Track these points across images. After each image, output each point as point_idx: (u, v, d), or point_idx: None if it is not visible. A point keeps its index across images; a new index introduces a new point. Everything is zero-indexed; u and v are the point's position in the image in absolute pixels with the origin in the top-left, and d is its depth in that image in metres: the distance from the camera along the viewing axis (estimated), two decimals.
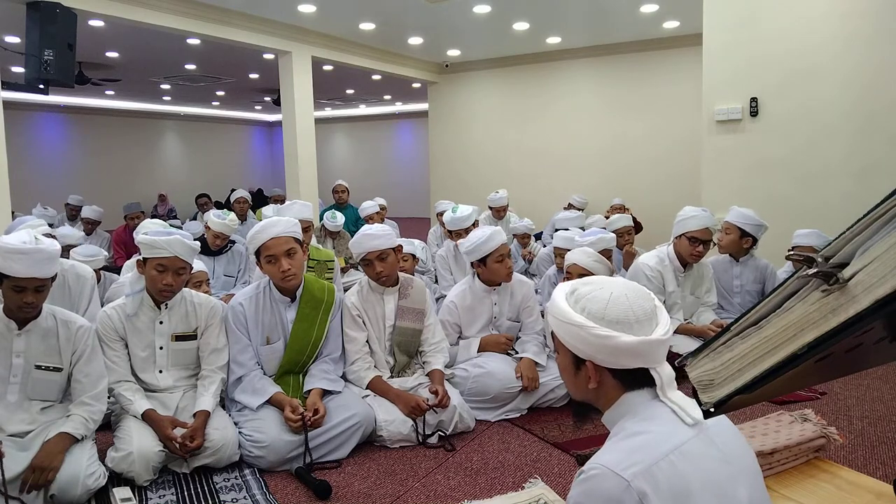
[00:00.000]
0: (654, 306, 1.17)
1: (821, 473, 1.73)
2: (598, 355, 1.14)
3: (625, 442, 1.09)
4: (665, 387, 1.14)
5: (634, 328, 1.12)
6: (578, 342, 1.15)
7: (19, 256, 2.17)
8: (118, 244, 6.24)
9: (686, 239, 3.48)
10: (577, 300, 1.17)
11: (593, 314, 1.13)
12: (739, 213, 3.81)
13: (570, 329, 1.15)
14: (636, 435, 1.09)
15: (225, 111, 16.65)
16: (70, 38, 4.89)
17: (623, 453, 1.06)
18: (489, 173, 9.19)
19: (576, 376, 1.21)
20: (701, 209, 3.55)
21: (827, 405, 3.14)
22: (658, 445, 1.06)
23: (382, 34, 7.63)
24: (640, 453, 1.05)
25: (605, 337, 1.11)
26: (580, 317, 1.14)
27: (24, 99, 11.48)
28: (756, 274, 3.91)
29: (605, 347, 1.12)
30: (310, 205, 4.21)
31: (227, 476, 2.52)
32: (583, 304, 1.16)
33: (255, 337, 2.83)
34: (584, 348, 1.15)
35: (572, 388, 1.25)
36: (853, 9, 4.39)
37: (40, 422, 2.36)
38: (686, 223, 3.47)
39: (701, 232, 3.46)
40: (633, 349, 1.11)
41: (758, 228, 3.78)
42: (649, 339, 1.11)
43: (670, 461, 1.04)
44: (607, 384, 1.17)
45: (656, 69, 8.06)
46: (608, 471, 1.03)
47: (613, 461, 1.04)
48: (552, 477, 2.49)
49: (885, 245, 0.77)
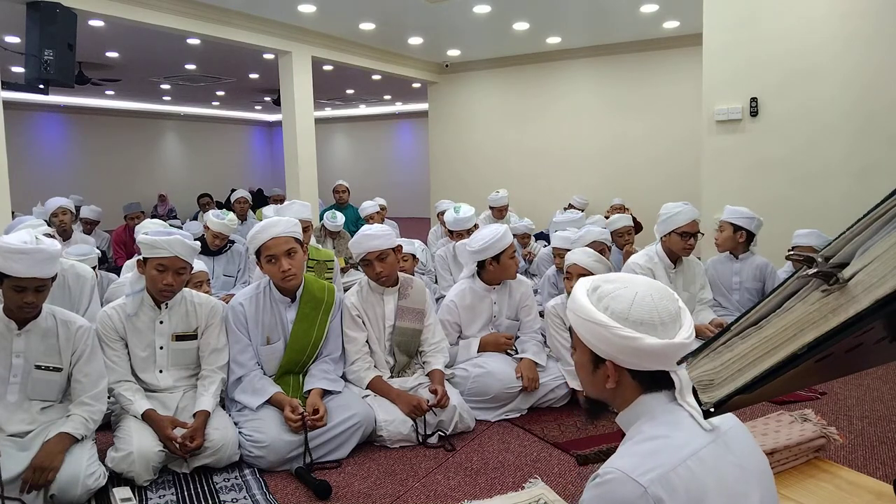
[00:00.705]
0: (679, 308, 1.14)
1: (821, 473, 1.73)
2: (619, 355, 1.11)
3: (641, 446, 1.07)
4: (684, 390, 1.12)
5: (659, 330, 1.09)
6: (599, 341, 1.12)
7: (20, 256, 2.17)
8: (118, 244, 6.24)
9: (677, 235, 3.50)
10: (599, 298, 1.13)
11: (617, 314, 1.10)
12: (730, 209, 3.91)
13: (591, 327, 1.12)
14: (653, 439, 1.07)
15: (225, 111, 16.65)
16: (70, 38, 4.89)
17: (640, 458, 1.04)
18: (489, 173, 9.19)
19: (593, 374, 1.18)
20: (682, 203, 3.57)
21: (827, 405, 3.14)
22: (676, 451, 1.04)
23: (382, 34, 7.63)
24: (657, 458, 1.03)
25: (629, 338, 1.08)
26: (603, 316, 1.10)
27: (24, 99, 11.48)
28: (755, 272, 3.93)
29: (627, 348, 1.09)
30: (309, 205, 4.21)
31: (227, 476, 2.52)
32: (606, 303, 1.12)
33: (255, 337, 2.83)
34: (604, 347, 1.12)
35: (588, 385, 1.22)
36: (853, 9, 4.39)
37: (40, 422, 2.36)
38: (674, 220, 3.49)
39: (690, 225, 3.51)
40: (657, 351, 1.08)
41: (750, 221, 3.85)
42: (674, 343, 1.08)
43: (688, 467, 1.02)
44: (625, 385, 1.14)
45: (656, 69, 8.06)
46: (624, 476, 1.01)
47: (630, 466, 1.02)
48: (552, 477, 2.49)
49: (885, 245, 0.77)
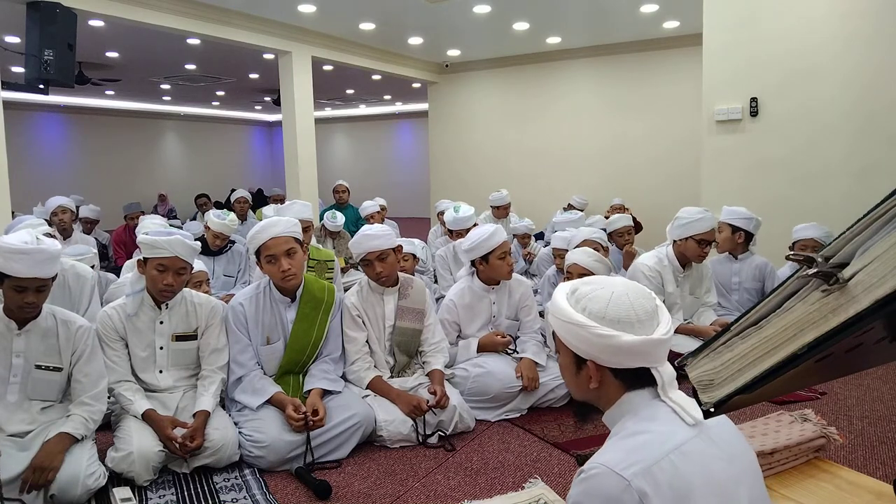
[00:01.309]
0: (656, 305, 1.17)
1: (821, 473, 1.73)
2: (600, 355, 1.14)
3: (625, 441, 1.09)
4: (666, 386, 1.14)
5: (636, 327, 1.12)
6: (580, 342, 1.15)
7: (21, 256, 2.17)
8: (118, 244, 6.25)
9: (694, 241, 3.50)
10: (577, 300, 1.17)
11: (594, 314, 1.13)
12: (728, 210, 3.93)
13: (571, 329, 1.15)
14: (637, 434, 1.09)
15: (225, 111, 16.65)
16: (70, 38, 4.89)
17: (623, 452, 1.06)
18: (489, 173, 9.19)
19: (577, 376, 1.20)
20: (703, 210, 3.57)
21: (827, 405, 3.14)
22: (659, 445, 1.06)
23: (382, 34, 7.63)
24: (640, 453, 1.04)
25: (607, 336, 1.11)
26: (581, 316, 1.13)
27: (24, 99, 11.48)
28: (755, 272, 3.94)
29: (606, 347, 1.12)
30: (309, 205, 4.21)
31: (227, 476, 2.52)
32: (584, 304, 1.15)
33: (256, 337, 2.83)
34: (585, 348, 1.15)
35: (573, 387, 1.25)
36: (853, 9, 4.39)
37: (40, 422, 2.36)
38: (694, 226, 3.48)
39: (709, 233, 3.51)
40: (635, 348, 1.11)
41: (748, 222, 3.86)
42: (651, 339, 1.11)
43: (671, 461, 1.03)
44: (608, 384, 1.17)
45: (656, 69, 8.06)
46: (608, 470, 1.03)
47: (614, 460, 1.04)
48: (552, 477, 2.49)
49: (885, 245, 0.77)
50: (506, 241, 3.22)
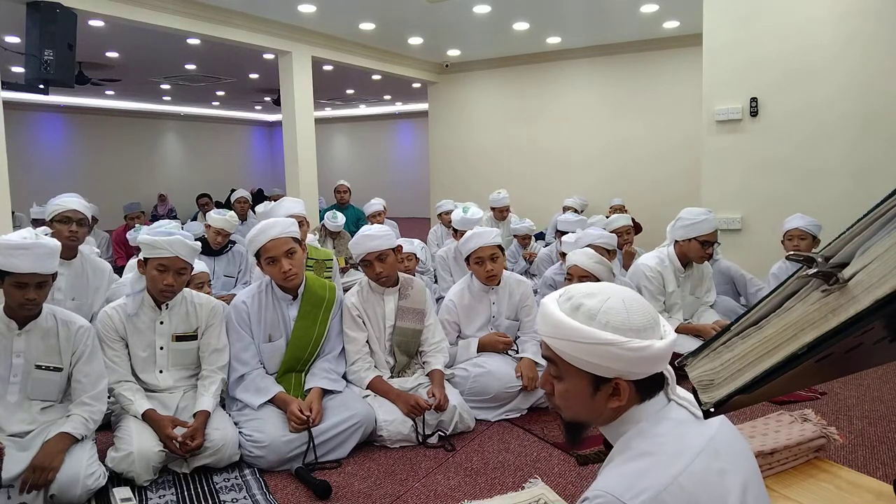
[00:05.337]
0: None
1: (821, 473, 1.74)
2: (631, 369, 1.05)
3: (630, 465, 1.03)
4: (673, 384, 1.11)
5: (656, 331, 1.07)
6: (608, 361, 1.05)
7: (21, 252, 2.19)
8: (118, 244, 6.24)
9: (697, 242, 3.51)
10: (590, 316, 1.06)
11: (619, 327, 1.04)
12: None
13: (596, 350, 1.04)
14: (642, 456, 1.04)
15: (225, 111, 16.65)
16: (70, 38, 4.89)
17: (629, 478, 1.00)
18: (489, 173, 9.19)
19: (593, 399, 1.10)
20: (706, 210, 3.58)
21: (827, 405, 3.14)
22: (665, 469, 1.01)
23: (382, 34, 7.63)
24: (647, 478, 0.99)
25: (640, 348, 1.03)
26: (608, 333, 1.03)
27: (24, 99, 11.49)
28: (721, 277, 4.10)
29: (639, 359, 1.04)
30: (301, 201, 4.23)
31: (227, 476, 2.52)
32: (603, 319, 1.05)
33: (258, 334, 2.84)
34: (613, 366, 1.05)
35: (583, 410, 1.13)
36: (853, 9, 4.39)
37: (40, 422, 2.36)
38: (698, 227, 3.49)
39: (712, 234, 3.51)
40: (664, 353, 1.05)
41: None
42: (672, 339, 1.07)
43: (679, 485, 0.99)
44: (630, 398, 1.09)
45: (656, 69, 8.06)
46: (613, 498, 0.97)
47: (620, 488, 0.98)
48: (552, 477, 2.49)
49: (885, 245, 0.77)
50: (483, 247, 3.17)
